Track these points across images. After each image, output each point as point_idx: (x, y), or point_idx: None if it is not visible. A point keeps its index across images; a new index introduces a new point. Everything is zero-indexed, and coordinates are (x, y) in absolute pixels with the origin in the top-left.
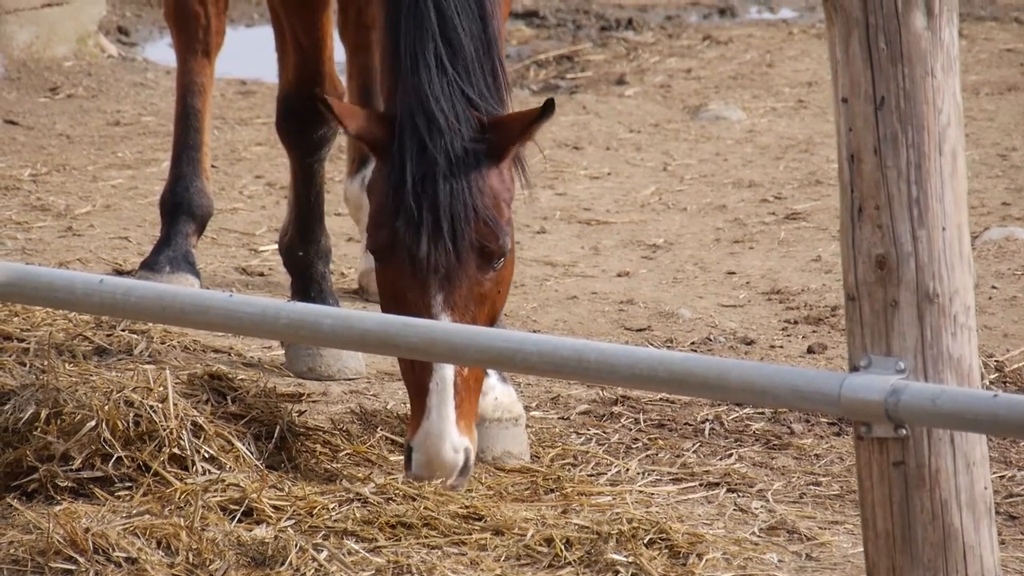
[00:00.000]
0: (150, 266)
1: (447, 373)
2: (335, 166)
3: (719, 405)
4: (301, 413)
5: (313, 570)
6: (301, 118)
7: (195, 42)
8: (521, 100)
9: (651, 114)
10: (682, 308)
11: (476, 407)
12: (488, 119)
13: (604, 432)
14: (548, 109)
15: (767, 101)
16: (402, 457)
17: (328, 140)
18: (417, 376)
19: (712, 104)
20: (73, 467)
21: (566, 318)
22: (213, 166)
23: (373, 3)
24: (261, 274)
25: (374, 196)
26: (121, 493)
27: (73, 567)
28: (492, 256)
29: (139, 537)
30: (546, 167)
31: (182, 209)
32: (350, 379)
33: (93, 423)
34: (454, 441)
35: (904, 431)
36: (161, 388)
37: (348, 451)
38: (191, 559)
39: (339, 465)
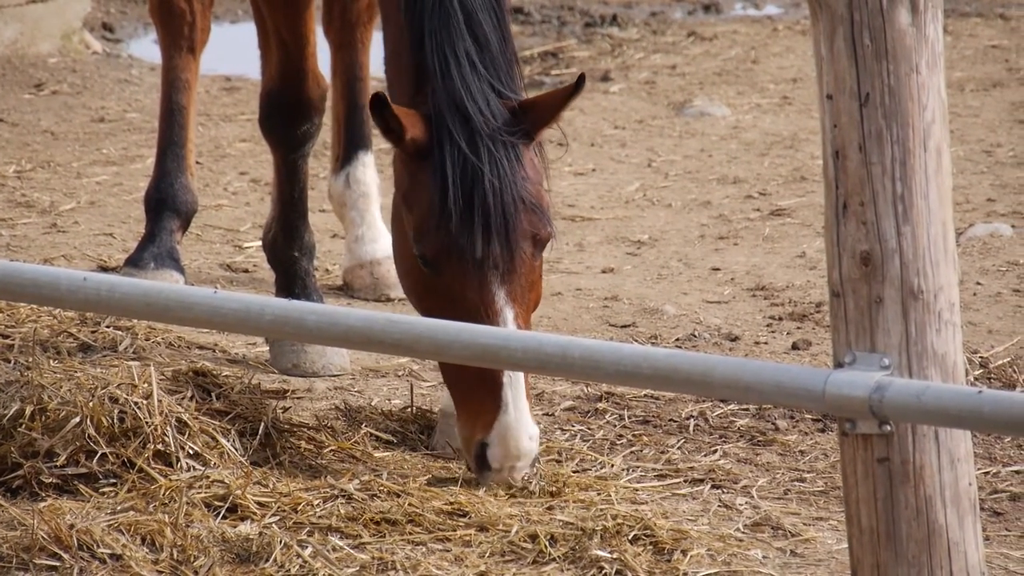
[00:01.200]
0: (135, 262)
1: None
2: (320, 163)
3: (704, 401)
4: (286, 409)
5: (297, 566)
6: (285, 114)
7: (180, 38)
8: None
9: (636, 110)
10: (667, 304)
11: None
12: (519, 103)
13: (589, 428)
14: (580, 85)
15: (752, 97)
16: (387, 454)
17: (312, 136)
18: (484, 369)
19: (697, 100)
20: (58, 463)
21: (551, 314)
22: (198, 162)
23: (373, 1)
24: (246, 270)
25: (417, 204)
26: (106, 489)
27: (58, 564)
28: (543, 243)
29: (123, 533)
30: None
31: (167, 205)
32: (335, 375)
33: (77, 419)
34: (531, 431)
35: (888, 427)
36: (146, 384)
37: (333, 447)
38: (175, 556)
39: (324, 461)
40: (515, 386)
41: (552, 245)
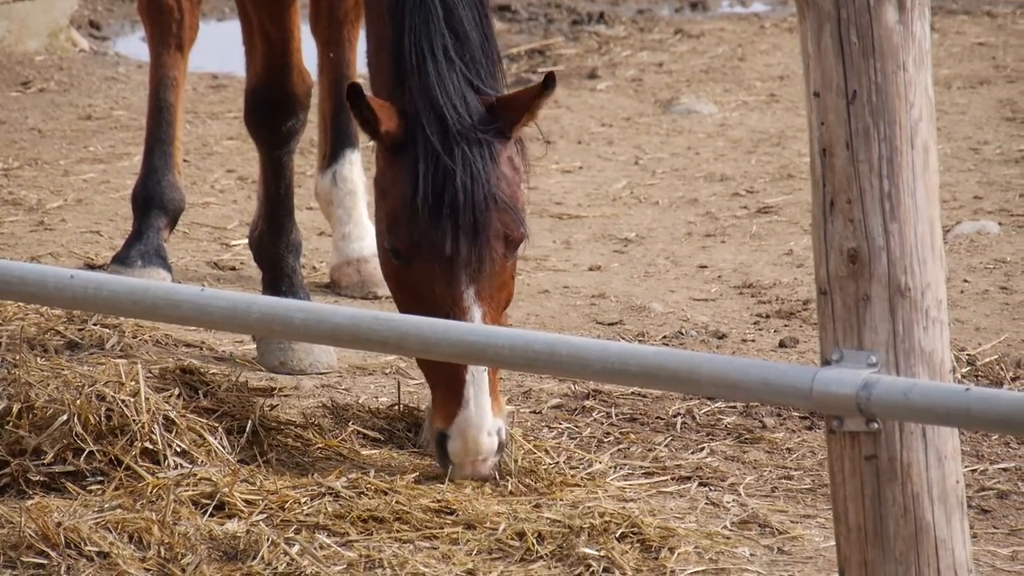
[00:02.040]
0: (121, 260)
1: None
2: (306, 160)
3: (691, 399)
4: (273, 407)
5: (285, 564)
6: (269, 110)
7: (168, 36)
8: None
9: (623, 108)
10: (654, 302)
11: (498, 386)
12: (494, 100)
13: (576, 426)
14: (549, 83)
15: (739, 95)
16: (375, 451)
17: (297, 132)
18: (446, 365)
19: (684, 98)
20: (45, 461)
21: (538, 312)
22: (185, 160)
23: None
24: (233, 268)
25: (391, 195)
26: (93, 487)
27: (45, 562)
28: (515, 243)
29: (111, 531)
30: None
31: (154, 203)
32: (322, 373)
33: (65, 417)
34: (489, 426)
35: (876, 425)
36: (133, 382)
37: (320, 445)
38: (163, 553)
39: (311, 459)
40: (477, 382)
41: (526, 245)
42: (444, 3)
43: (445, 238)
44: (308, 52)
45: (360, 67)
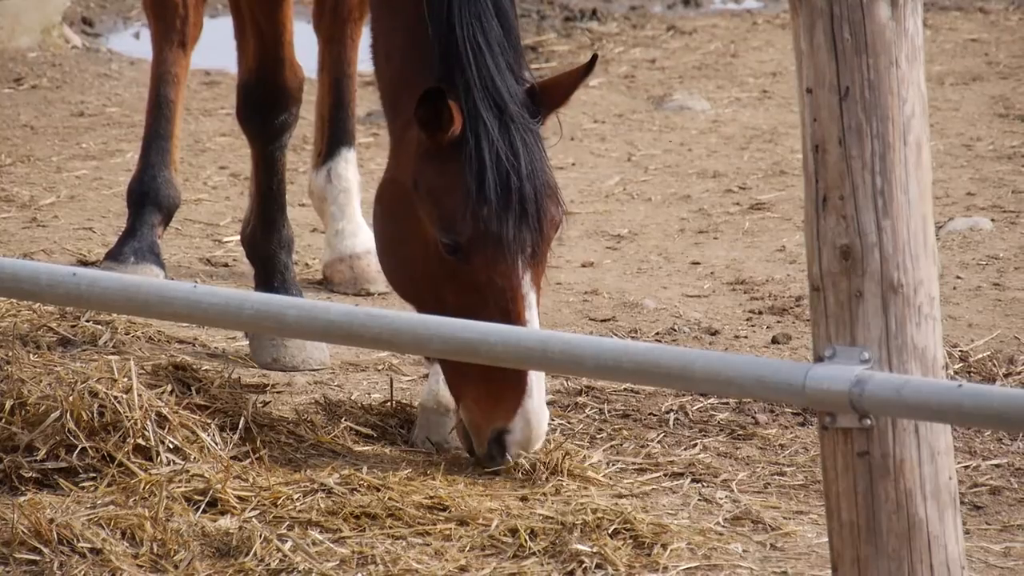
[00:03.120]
0: (115, 257)
1: None
2: (299, 157)
3: (683, 395)
4: (266, 404)
5: (277, 560)
6: (262, 104)
7: (172, 32)
8: None
9: (615, 104)
10: (646, 298)
11: None
12: (535, 85)
13: (569, 422)
14: (592, 63)
15: (731, 91)
16: (367, 448)
17: (289, 126)
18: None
19: (676, 94)
20: (37, 458)
21: None
22: None
23: None
24: (225, 265)
25: (447, 190)
26: (85, 484)
27: (37, 558)
28: (558, 227)
29: (103, 528)
30: None
31: (149, 199)
32: (315, 370)
33: (57, 414)
34: (547, 416)
35: (869, 421)
36: (125, 379)
37: (312, 442)
38: (156, 550)
39: (303, 456)
40: (539, 376)
41: (563, 228)
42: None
43: (510, 226)
44: (301, 47)
45: (361, 65)
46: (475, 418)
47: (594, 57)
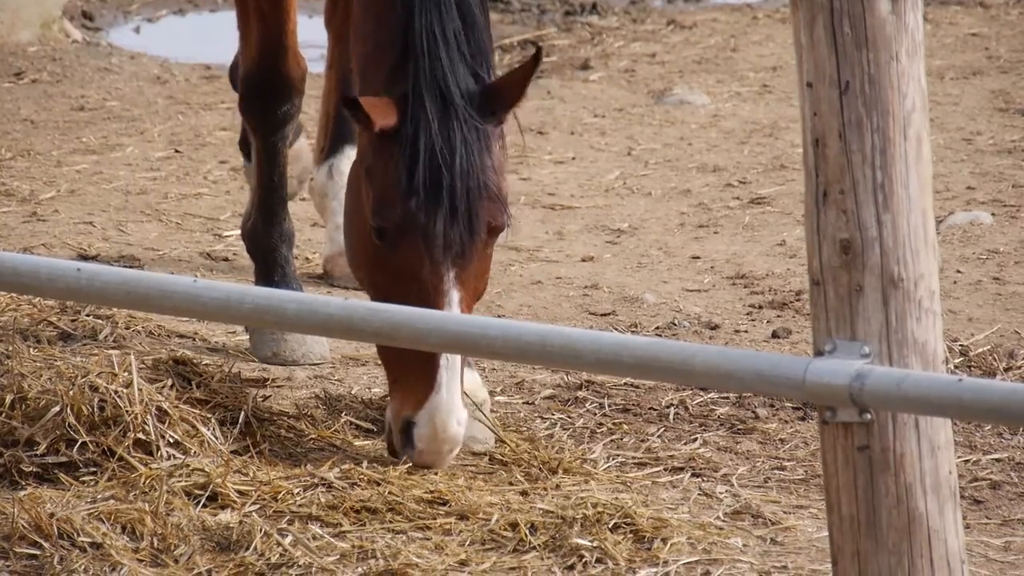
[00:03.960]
0: None
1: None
2: None
3: (684, 390)
4: (266, 398)
5: (278, 555)
6: (264, 94)
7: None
8: None
9: (615, 99)
10: (646, 293)
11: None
12: (486, 86)
13: (569, 417)
14: (537, 57)
15: (731, 86)
16: (367, 442)
17: (292, 117)
18: (419, 352)
19: (676, 89)
20: (38, 452)
21: (530, 303)
22: (177, 151)
23: None
24: (226, 259)
25: (382, 175)
26: (86, 478)
27: (38, 552)
28: (497, 231)
29: (104, 522)
30: (510, 152)
31: None
32: (315, 364)
33: (58, 408)
34: (459, 415)
35: (869, 416)
36: (126, 373)
37: (313, 436)
38: (156, 544)
39: (304, 450)
40: (451, 368)
41: (507, 235)
42: None
43: (436, 220)
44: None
45: None
46: (392, 406)
47: (539, 50)
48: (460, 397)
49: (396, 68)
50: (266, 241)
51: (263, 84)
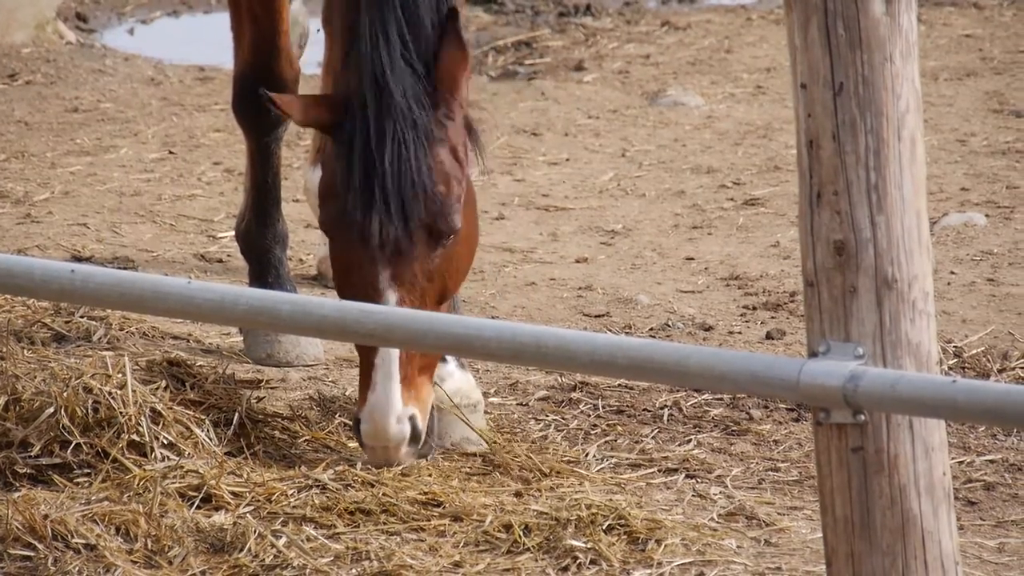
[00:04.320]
0: None
1: (392, 350)
2: (293, 153)
3: (678, 391)
4: (260, 400)
5: (272, 556)
6: (257, 96)
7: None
8: (479, 86)
9: (609, 100)
10: (640, 294)
11: (430, 377)
12: (430, 80)
13: (563, 418)
14: (453, 15)
15: (725, 87)
16: None
17: (285, 119)
18: (365, 351)
19: (670, 90)
20: (32, 454)
21: (524, 304)
22: (171, 152)
23: None
24: (220, 260)
25: (325, 171)
26: (80, 480)
27: (32, 554)
28: (440, 234)
29: (98, 523)
30: (504, 153)
31: None
32: (308, 365)
33: (52, 410)
34: (398, 412)
35: (863, 417)
36: (120, 375)
37: (307, 437)
38: (150, 545)
39: (298, 451)
40: (384, 367)
41: (455, 239)
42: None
43: (364, 218)
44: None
45: None
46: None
47: (453, 9)
48: (397, 394)
49: (346, 67)
50: (260, 242)
51: (256, 85)
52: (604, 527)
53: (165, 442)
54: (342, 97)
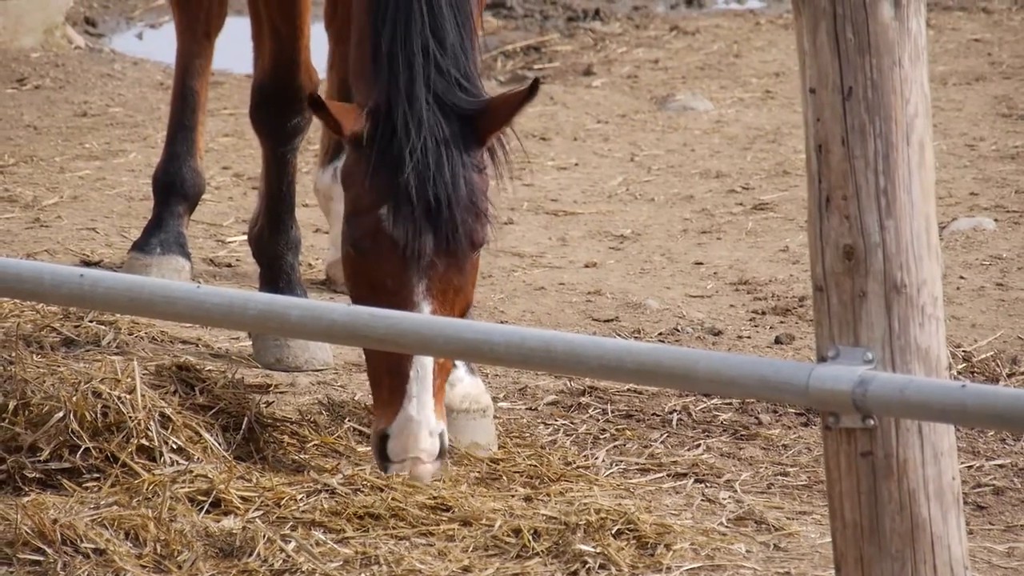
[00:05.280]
0: (141, 248)
1: (427, 362)
2: (303, 157)
3: (687, 396)
4: (269, 404)
5: (281, 561)
6: (276, 106)
7: (196, 23)
8: (488, 90)
9: (618, 105)
10: (649, 299)
11: (444, 392)
12: (474, 104)
13: (572, 423)
14: (533, 90)
15: (734, 91)
16: (370, 448)
17: (302, 129)
18: (393, 362)
19: (679, 95)
20: (41, 458)
21: (534, 309)
22: None
23: None
24: (229, 265)
25: (356, 184)
26: (89, 484)
27: (41, 558)
28: (474, 246)
29: (107, 528)
30: (513, 158)
31: (175, 190)
32: (318, 370)
33: (61, 414)
34: (431, 426)
35: (872, 421)
36: (129, 379)
37: (316, 442)
38: (159, 550)
39: (307, 456)
40: (422, 379)
41: (487, 249)
42: (428, 5)
43: (403, 231)
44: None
45: None
46: (374, 420)
47: (535, 83)
48: (432, 409)
49: (371, 78)
50: (273, 248)
51: (275, 96)
52: (613, 532)
53: (174, 447)
54: (376, 108)
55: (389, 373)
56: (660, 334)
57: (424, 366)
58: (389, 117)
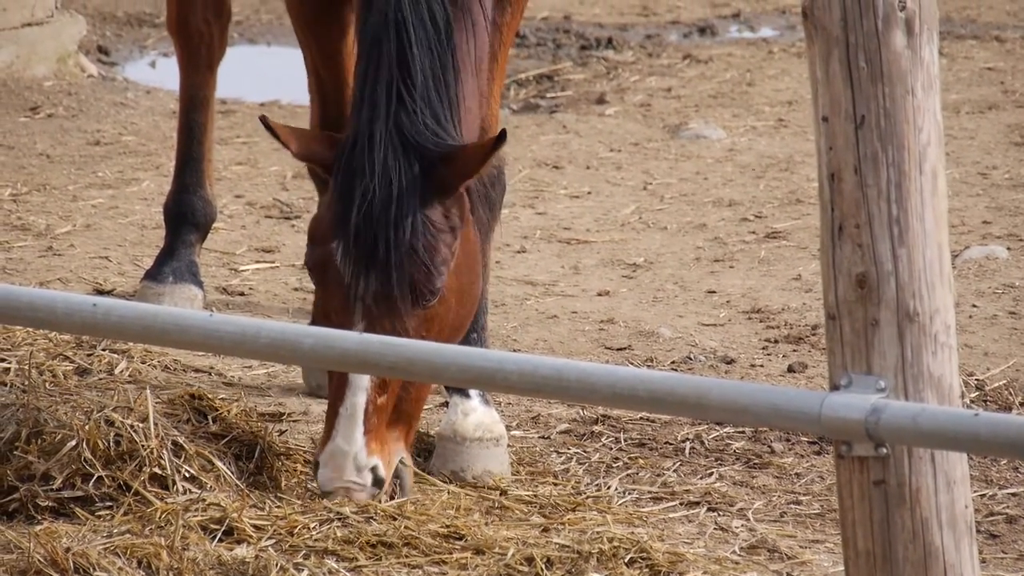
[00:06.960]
0: (153, 277)
1: (359, 400)
2: (310, 183)
3: (699, 424)
4: (282, 433)
5: None
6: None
7: (198, 57)
8: (502, 119)
9: (631, 133)
10: (662, 327)
11: (412, 425)
12: (443, 148)
13: (584, 451)
14: (501, 139)
15: (747, 120)
16: None
17: None
18: (334, 396)
19: (692, 123)
20: (54, 487)
21: (546, 337)
22: None
23: None
24: (241, 294)
25: (319, 209)
26: (102, 512)
27: None
28: (422, 295)
29: (120, 556)
30: (526, 186)
31: (186, 219)
32: None
33: (74, 443)
34: (361, 462)
35: (885, 450)
36: (142, 408)
37: None
38: None
39: None
40: (349, 417)
41: (438, 301)
42: (399, 46)
43: (348, 266)
44: None
45: None
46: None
47: (502, 133)
48: (361, 445)
49: (351, 113)
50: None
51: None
52: (626, 560)
53: (187, 475)
54: (345, 139)
55: (331, 406)
56: (673, 362)
57: (354, 406)
58: (352, 152)
